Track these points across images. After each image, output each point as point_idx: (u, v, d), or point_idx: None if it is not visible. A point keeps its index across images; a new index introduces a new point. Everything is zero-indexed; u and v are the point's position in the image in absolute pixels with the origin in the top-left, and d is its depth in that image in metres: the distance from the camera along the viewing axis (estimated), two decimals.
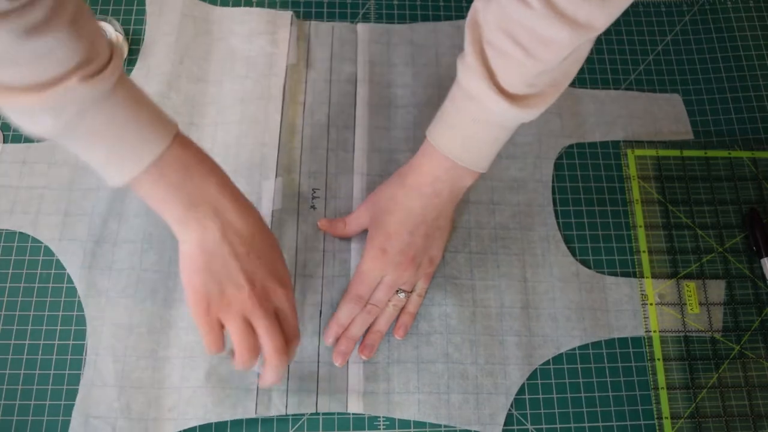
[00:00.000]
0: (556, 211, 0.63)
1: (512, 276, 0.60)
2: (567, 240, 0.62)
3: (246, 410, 0.53)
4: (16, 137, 0.63)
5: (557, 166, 0.65)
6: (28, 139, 0.63)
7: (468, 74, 0.47)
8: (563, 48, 0.43)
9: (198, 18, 0.68)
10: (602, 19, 0.42)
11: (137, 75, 0.65)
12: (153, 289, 0.57)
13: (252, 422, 0.54)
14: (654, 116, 0.67)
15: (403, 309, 0.57)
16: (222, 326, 0.47)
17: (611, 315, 0.59)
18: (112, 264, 0.57)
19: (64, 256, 0.58)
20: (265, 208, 0.59)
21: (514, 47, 0.44)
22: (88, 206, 0.60)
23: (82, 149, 0.43)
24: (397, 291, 0.56)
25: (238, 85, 0.65)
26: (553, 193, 0.63)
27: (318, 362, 0.56)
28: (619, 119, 0.67)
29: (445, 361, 0.56)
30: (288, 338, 0.49)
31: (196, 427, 0.53)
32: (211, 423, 0.54)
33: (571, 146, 0.65)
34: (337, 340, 0.56)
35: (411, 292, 0.57)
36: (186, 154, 0.45)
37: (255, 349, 0.47)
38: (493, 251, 0.61)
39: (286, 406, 0.54)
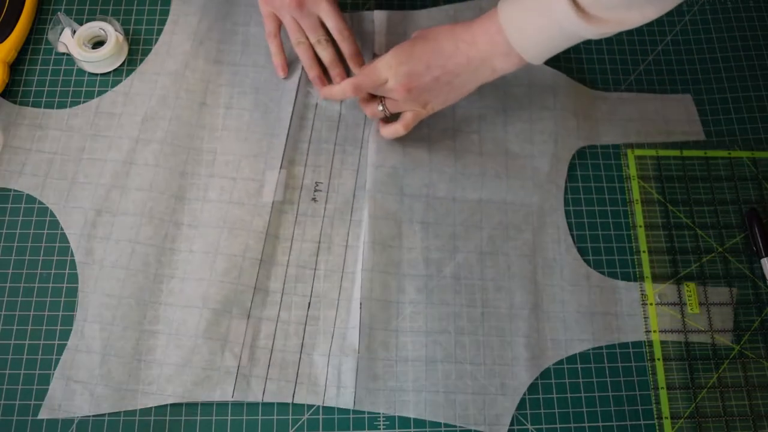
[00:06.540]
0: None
1: (523, 277, 0.59)
2: None
3: (224, 393, 0.54)
4: (36, 103, 0.64)
5: None
6: (49, 105, 0.64)
7: None
8: None
9: (222, 1, 0.69)
10: None
11: (158, 51, 0.66)
12: (145, 262, 0.57)
13: (252, 422, 0.54)
14: (665, 118, 0.67)
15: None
16: (278, 20, 0.63)
17: (621, 319, 0.59)
18: (110, 234, 0.58)
19: (66, 221, 0.59)
20: (266, 198, 0.60)
21: None
22: (95, 175, 0.61)
23: None
24: (381, 102, 0.60)
25: (255, 74, 0.66)
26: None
27: (300, 353, 0.56)
28: (630, 122, 0.66)
29: (453, 362, 0.56)
30: (335, 37, 0.62)
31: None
32: (216, 419, 0.54)
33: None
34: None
35: (391, 115, 0.60)
36: None
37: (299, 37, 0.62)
38: (505, 252, 0.60)
39: (263, 393, 0.54)
